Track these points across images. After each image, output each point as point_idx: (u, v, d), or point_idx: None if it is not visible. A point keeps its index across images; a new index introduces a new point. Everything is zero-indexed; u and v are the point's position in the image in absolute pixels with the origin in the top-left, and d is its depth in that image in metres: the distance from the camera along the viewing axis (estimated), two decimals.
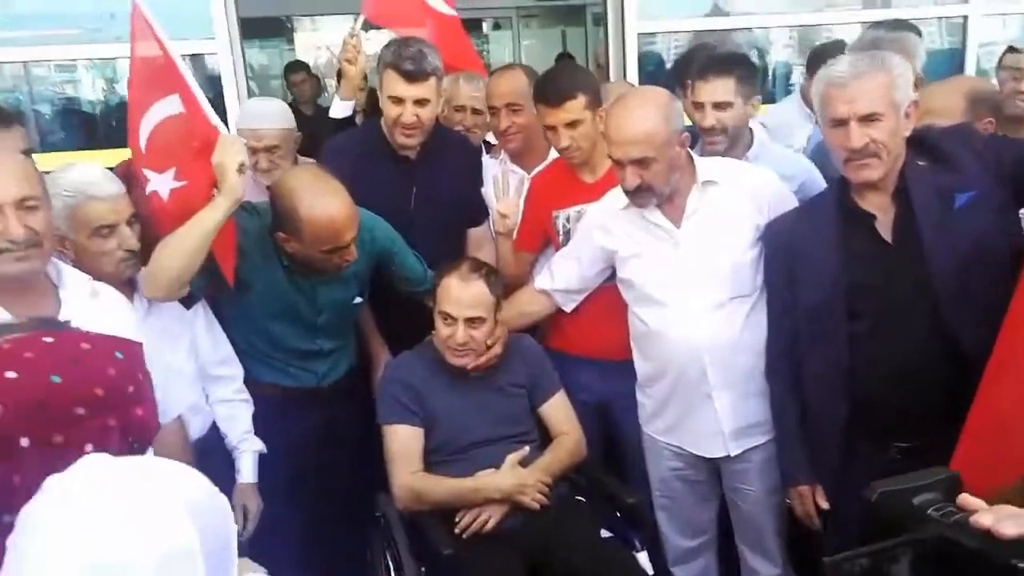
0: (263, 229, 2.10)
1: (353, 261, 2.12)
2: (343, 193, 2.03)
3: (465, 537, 2.04)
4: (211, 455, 2.03)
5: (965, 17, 3.99)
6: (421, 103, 2.33)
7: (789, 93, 4.79)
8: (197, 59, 3.50)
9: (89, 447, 0.99)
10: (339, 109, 2.73)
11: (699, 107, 2.37)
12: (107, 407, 1.03)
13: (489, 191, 2.53)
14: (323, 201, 1.99)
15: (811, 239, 1.90)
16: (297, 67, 5.59)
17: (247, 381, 2.19)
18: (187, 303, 2.04)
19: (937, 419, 1.79)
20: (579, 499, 2.24)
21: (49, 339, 1.06)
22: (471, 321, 2.11)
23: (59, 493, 0.79)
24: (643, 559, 2.09)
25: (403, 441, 2.12)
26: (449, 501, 2.07)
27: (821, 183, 2.31)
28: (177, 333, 2.05)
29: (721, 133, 2.35)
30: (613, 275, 2.26)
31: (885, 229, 1.82)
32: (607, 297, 2.28)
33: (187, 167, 1.98)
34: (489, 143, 2.85)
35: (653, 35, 4.08)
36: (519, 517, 2.09)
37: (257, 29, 7.04)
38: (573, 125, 2.25)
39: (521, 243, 2.47)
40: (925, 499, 0.96)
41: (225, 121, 3.08)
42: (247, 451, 2.14)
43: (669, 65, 4.14)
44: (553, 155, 2.45)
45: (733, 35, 4.13)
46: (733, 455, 2.16)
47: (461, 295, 2.10)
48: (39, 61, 3.58)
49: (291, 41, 7.94)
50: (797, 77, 5.29)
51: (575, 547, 2.02)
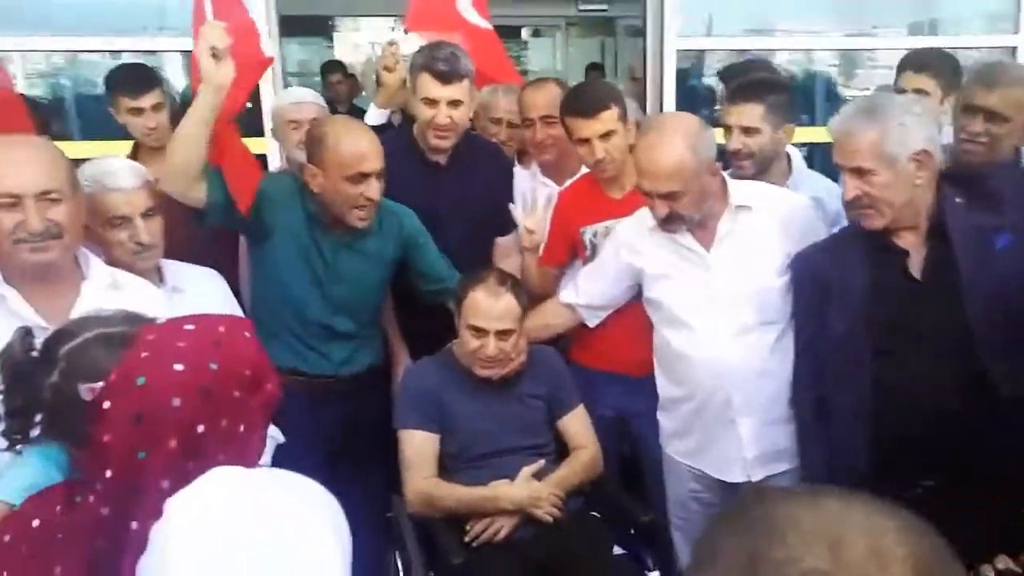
0: (293, 177, 2.19)
1: (373, 230, 2.18)
2: (371, 132, 2.18)
3: (475, 545, 2.05)
4: None
5: (1014, 48, 3.91)
6: (454, 104, 2.34)
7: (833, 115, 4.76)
8: None
9: (241, 427, 1.03)
10: (374, 116, 2.75)
11: (728, 129, 2.36)
12: (253, 386, 1.06)
13: (516, 205, 2.53)
14: (351, 129, 2.15)
15: (839, 272, 1.87)
16: (334, 67, 5.65)
17: None
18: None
19: (965, 459, 1.77)
20: (593, 514, 2.23)
21: (189, 326, 1.08)
22: (501, 334, 2.11)
23: (197, 513, 0.80)
24: None
25: (418, 447, 2.12)
26: (461, 509, 2.07)
27: None
28: None
29: (747, 158, 2.33)
30: (640, 292, 2.25)
31: (916, 266, 1.80)
32: (633, 313, 2.27)
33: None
34: (521, 155, 2.85)
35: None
36: (531, 529, 2.08)
37: (296, 26, 7.11)
38: (607, 136, 2.25)
39: (547, 258, 2.47)
40: None
41: (261, 119, 3.12)
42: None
43: (707, 79, 4.13)
44: (584, 170, 2.45)
45: (778, 54, 4.11)
46: (755, 480, 2.14)
47: (491, 309, 2.10)
48: (82, 52, 3.64)
49: (330, 39, 8.01)
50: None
51: (585, 563, 2.02)
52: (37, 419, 1.13)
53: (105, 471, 0.96)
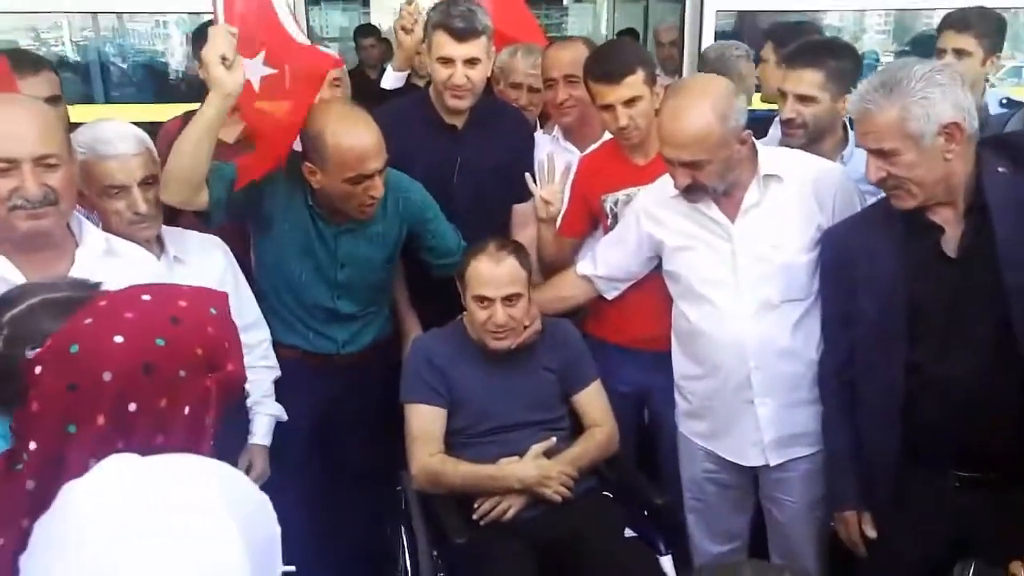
0: (293, 165, 2.07)
1: (377, 214, 2.08)
2: (372, 124, 2.01)
3: (482, 524, 1.99)
4: (231, 418, 2.01)
5: None
6: (472, 63, 2.24)
7: None
8: None
9: (187, 409, 0.98)
10: (391, 80, 2.67)
11: (783, 95, 2.21)
12: (206, 367, 1.00)
13: (531, 175, 2.41)
14: (349, 127, 1.98)
15: (869, 250, 1.75)
16: (367, 31, 5.64)
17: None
18: (207, 221, 2.02)
19: (1004, 450, 1.66)
20: (606, 494, 2.16)
21: (147, 296, 1.02)
22: (508, 299, 2.03)
23: (86, 504, 0.74)
24: (666, 564, 2.01)
25: (424, 421, 2.07)
26: (467, 487, 2.02)
27: None
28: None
29: (800, 127, 2.19)
30: (661, 263, 2.14)
31: (951, 244, 1.66)
32: (653, 286, 2.17)
33: (276, 51, 1.95)
34: (543, 120, 2.74)
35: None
36: (539, 509, 2.02)
37: None
38: (632, 102, 2.13)
39: (566, 228, 2.36)
40: None
41: None
42: (263, 414, 2.12)
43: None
44: (607, 135, 2.33)
45: (822, 17, 3.90)
46: (773, 465, 2.04)
47: (494, 274, 2.03)
48: (104, 12, 3.62)
49: (367, 4, 7.94)
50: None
51: (594, 545, 1.95)
52: None
53: (30, 442, 0.91)
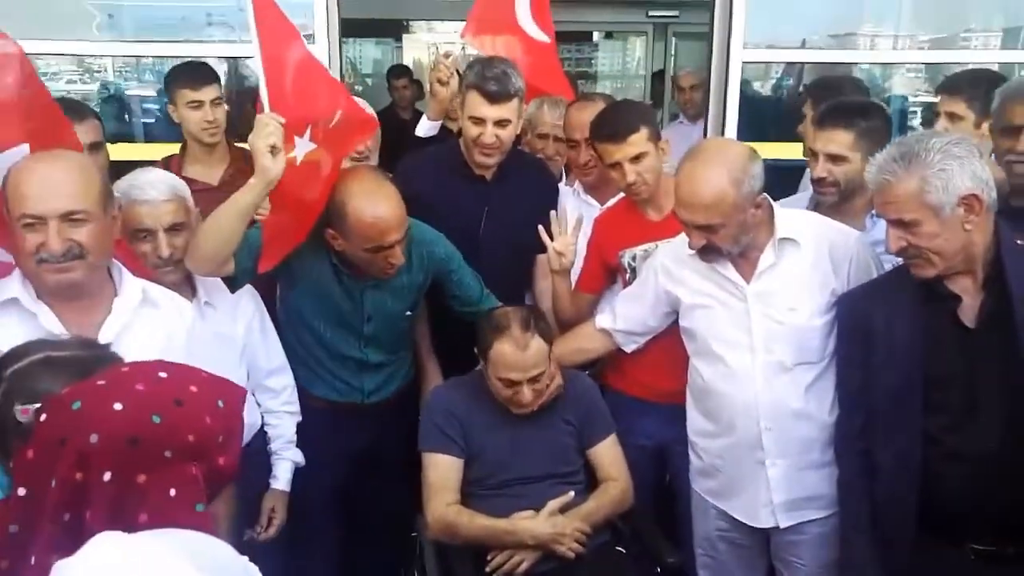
0: (317, 225, 2.12)
1: (401, 268, 2.12)
2: (394, 196, 2.04)
3: None
4: (254, 458, 2.06)
5: None
6: (502, 124, 2.31)
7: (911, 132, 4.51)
8: None
9: (172, 491, 0.99)
10: (425, 128, 2.74)
11: (814, 155, 2.23)
12: (194, 454, 1.02)
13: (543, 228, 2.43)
14: (371, 200, 2.01)
15: (888, 318, 1.75)
16: (400, 72, 5.73)
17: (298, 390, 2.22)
18: (231, 286, 2.06)
19: (1019, 524, 1.65)
20: (619, 550, 2.17)
21: (164, 374, 1.06)
22: (533, 379, 2.06)
23: None
24: None
25: (442, 471, 2.10)
26: (482, 540, 2.04)
27: None
28: (231, 337, 2.09)
29: (832, 186, 2.20)
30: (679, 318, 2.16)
31: (968, 314, 1.67)
32: (673, 340, 2.19)
33: (320, 128, 1.99)
34: (568, 170, 2.80)
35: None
36: (552, 563, 2.04)
37: (367, 28, 7.22)
38: (638, 159, 2.19)
39: (584, 285, 2.40)
40: None
41: None
42: (286, 459, 2.17)
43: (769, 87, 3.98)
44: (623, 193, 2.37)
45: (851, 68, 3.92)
46: (783, 527, 2.04)
47: (521, 360, 2.03)
48: (142, 56, 3.76)
49: (399, 40, 8.10)
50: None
51: None
52: None
53: (19, 488, 0.95)
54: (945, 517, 1.71)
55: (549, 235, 2.30)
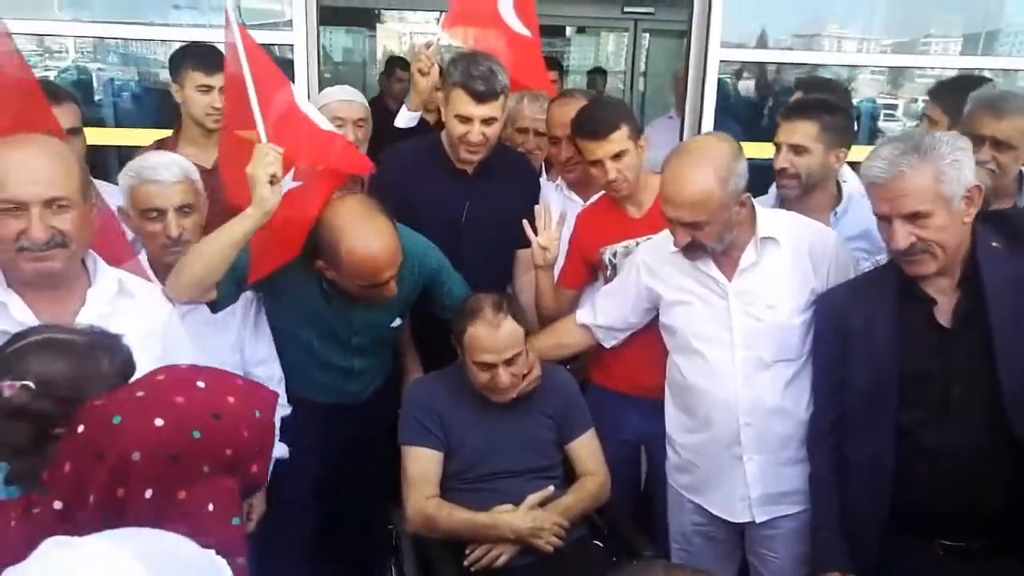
0: (306, 248, 2.07)
1: (391, 296, 2.09)
2: (387, 232, 1.99)
3: (473, 570, 2.01)
4: None
5: None
6: (488, 122, 2.30)
7: (875, 135, 4.60)
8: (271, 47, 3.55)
9: (211, 506, 0.99)
10: (405, 119, 2.72)
11: (777, 147, 2.29)
12: (230, 467, 1.02)
13: (527, 224, 2.43)
14: (365, 238, 1.96)
15: (864, 317, 1.79)
16: (404, 64, 5.37)
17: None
18: (213, 308, 2.03)
19: (990, 521, 1.70)
20: (596, 543, 2.18)
21: (201, 383, 1.05)
22: (509, 361, 2.06)
23: None
24: None
25: (422, 465, 2.09)
26: (462, 533, 2.04)
27: None
28: (222, 325, 2.07)
29: (793, 178, 2.25)
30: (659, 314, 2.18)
31: (944, 314, 1.71)
32: (655, 336, 2.21)
33: (303, 169, 1.97)
34: (548, 165, 2.80)
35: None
36: (530, 556, 2.04)
37: (341, 16, 7.13)
38: (619, 156, 2.21)
39: (565, 280, 2.42)
40: None
41: None
42: None
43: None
44: None
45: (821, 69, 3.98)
46: (759, 522, 2.07)
47: (494, 341, 2.03)
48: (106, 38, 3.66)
49: (373, 29, 8.02)
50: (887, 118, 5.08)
51: None
52: None
53: (55, 501, 0.93)
54: (916, 513, 1.75)
55: (533, 229, 2.30)
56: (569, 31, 8.15)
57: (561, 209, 2.39)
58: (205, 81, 2.61)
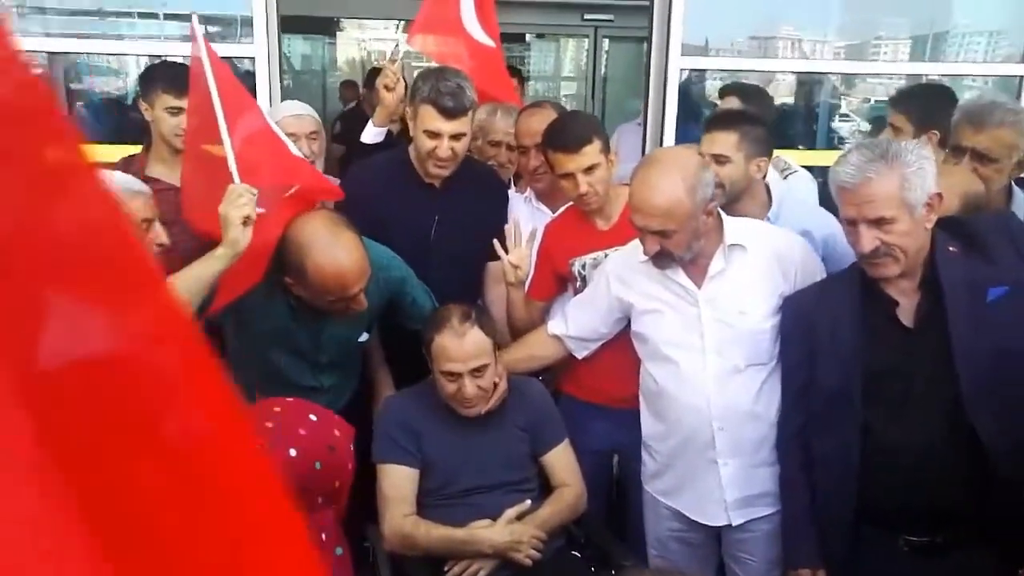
0: (272, 265, 2.03)
1: (361, 309, 2.07)
2: (354, 247, 1.97)
3: None
4: None
5: (1021, 78, 3.86)
6: (457, 137, 2.30)
7: (831, 138, 4.71)
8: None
9: (323, 535, 1.01)
10: (371, 135, 2.70)
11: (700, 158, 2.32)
12: (336, 499, 1.03)
13: (498, 242, 2.42)
14: (331, 254, 1.93)
15: (831, 319, 1.83)
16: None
17: None
18: None
19: (951, 517, 1.75)
20: (574, 554, 2.19)
21: (314, 417, 1.05)
22: (475, 371, 2.06)
23: None
24: None
25: (397, 482, 2.08)
26: (440, 550, 2.03)
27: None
28: None
29: (717, 187, 2.26)
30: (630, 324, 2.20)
31: (906, 314, 1.76)
32: (625, 345, 2.23)
33: (267, 194, 1.92)
34: (517, 178, 2.81)
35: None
36: (509, 570, 2.04)
37: (301, 24, 7.07)
38: (591, 170, 2.22)
39: (535, 291, 2.42)
40: None
41: None
42: None
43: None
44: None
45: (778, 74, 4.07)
46: (735, 524, 2.10)
47: (460, 350, 2.03)
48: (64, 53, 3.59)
49: (333, 36, 7.97)
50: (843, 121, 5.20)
51: None
52: None
53: None
54: (881, 508, 1.79)
55: (503, 247, 2.29)
56: (529, 38, 8.19)
57: (531, 225, 2.39)
58: (175, 103, 2.57)
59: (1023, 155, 2.15)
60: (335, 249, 1.94)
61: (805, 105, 4.82)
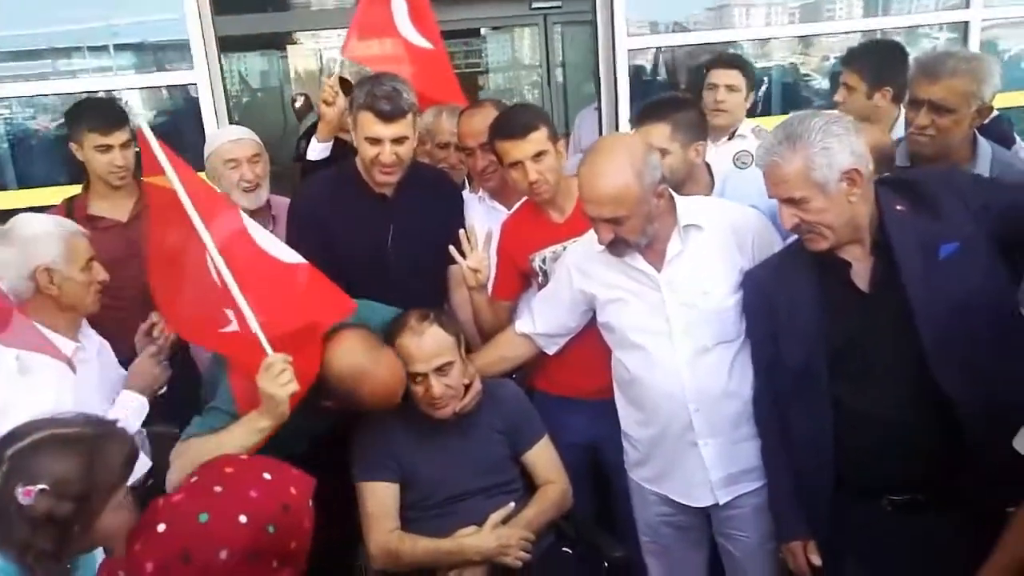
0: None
1: None
2: (394, 361, 1.97)
3: None
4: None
5: (966, 23, 3.87)
6: (399, 141, 2.26)
7: (790, 104, 4.68)
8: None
9: None
10: (317, 151, 2.66)
11: None
12: (292, 560, 1.01)
13: (454, 249, 2.36)
14: (382, 381, 1.92)
15: (790, 292, 1.83)
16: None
17: None
18: None
19: (929, 473, 1.74)
20: (565, 550, 2.17)
21: (268, 475, 1.04)
22: (440, 370, 2.04)
23: None
24: None
25: (379, 499, 2.06)
26: (427, 563, 2.01)
27: None
28: (115, 382, 2.08)
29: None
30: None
31: (861, 278, 1.75)
32: (592, 337, 2.22)
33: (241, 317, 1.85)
34: (471, 178, 2.78)
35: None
36: (501, 574, 2.02)
37: (248, 41, 7.00)
38: (539, 157, 2.20)
39: (499, 291, 2.40)
40: None
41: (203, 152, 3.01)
42: None
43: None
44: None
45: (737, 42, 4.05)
46: (722, 503, 2.09)
47: (420, 349, 2.02)
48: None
49: (284, 50, 7.89)
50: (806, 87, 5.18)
51: None
52: None
53: None
54: (861, 476, 1.79)
55: (460, 252, 2.27)
56: (484, 31, 8.14)
57: (487, 225, 2.36)
58: (103, 141, 2.53)
59: (982, 103, 2.14)
60: (382, 372, 1.92)
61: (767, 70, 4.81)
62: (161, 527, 0.95)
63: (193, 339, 2.13)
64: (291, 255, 1.94)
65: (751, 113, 3.30)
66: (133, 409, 2.06)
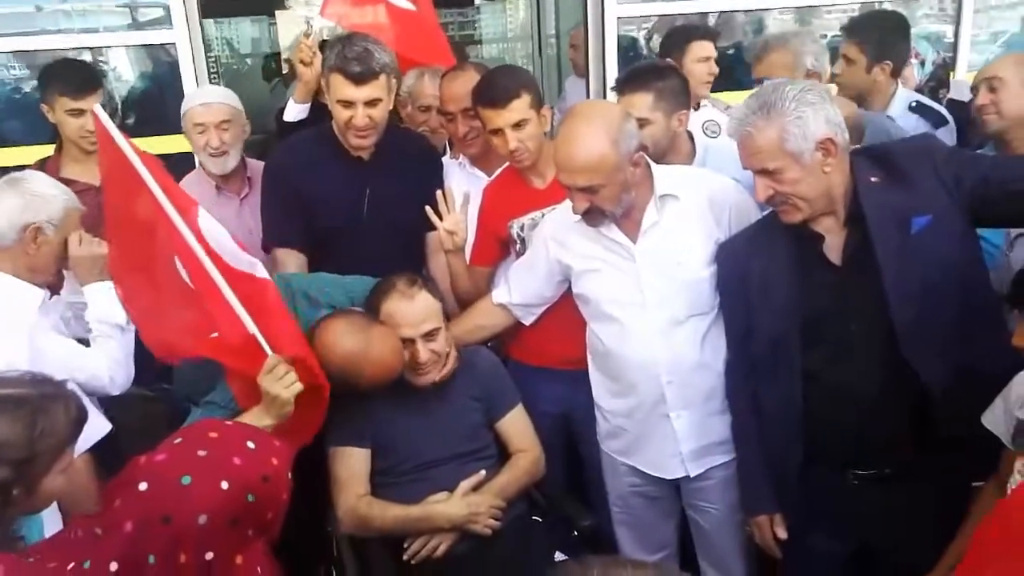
0: None
1: None
2: (387, 334, 1.96)
3: (414, 563, 1.99)
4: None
5: None
6: (372, 103, 2.22)
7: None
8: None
9: (259, 569, 0.99)
10: (294, 112, 2.62)
11: None
12: (266, 530, 1.01)
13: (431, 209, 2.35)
14: (380, 359, 1.93)
15: (762, 269, 1.81)
16: None
17: None
18: None
19: (895, 448, 1.75)
20: (536, 519, 2.18)
21: (252, 444, 1.02)
22: (428, 335, 2.02)
23: None
24: None
25: (349, 464, 2.05)
26: (396, 529, 2.01)
27: None
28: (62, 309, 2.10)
29: (641, 149, 2.23)
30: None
31: (834, 251, 1.74)
32: (568, 306, 2.20)
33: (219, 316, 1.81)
34: (452, 143, 2.74)
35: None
36: (470, 542, 2.03)
37: (235, 6, 6.91)
38: (520, 125, 2.16)
39: (477, 258, 2.37)
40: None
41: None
42: None
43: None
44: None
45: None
46: (693, 475, 2.09)
47: (410, 313, 2.00)
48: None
49: (272, 16, 7.76)
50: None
51: (525, 573, 1.97)
52: None
53: (111, 562, 0.89)
54: (826, 447, 1.80)
55: (437, 214, 2.24)
56: (478, 1, 8.03)
57: (465, 189, 2.32)
58: (74, 105, 2.49)
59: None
60: (378, 352, 1.92)
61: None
62: (143, 486, 0.94)
63: (179, 354, 2.01)
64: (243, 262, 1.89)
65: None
66: (107, 298, 2.03)
